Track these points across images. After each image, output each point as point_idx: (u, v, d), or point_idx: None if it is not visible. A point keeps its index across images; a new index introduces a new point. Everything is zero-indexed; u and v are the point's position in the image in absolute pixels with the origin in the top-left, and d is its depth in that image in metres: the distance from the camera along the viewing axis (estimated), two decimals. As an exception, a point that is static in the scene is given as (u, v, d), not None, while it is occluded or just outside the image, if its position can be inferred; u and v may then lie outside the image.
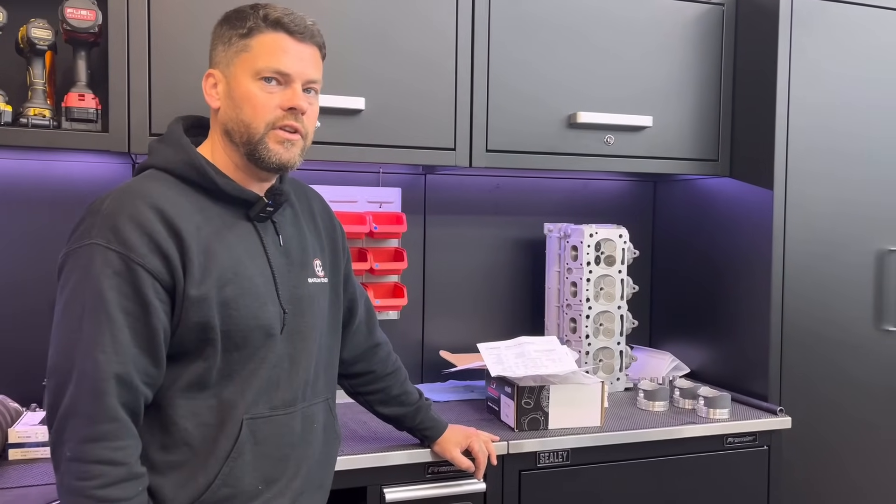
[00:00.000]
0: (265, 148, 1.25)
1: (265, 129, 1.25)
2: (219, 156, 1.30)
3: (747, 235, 2.13)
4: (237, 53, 1.26)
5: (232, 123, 1.26)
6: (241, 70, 1.25)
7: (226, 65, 1.27)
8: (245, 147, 1.26)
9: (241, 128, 1.25)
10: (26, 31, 1.64)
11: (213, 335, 1.20)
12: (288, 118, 1.26)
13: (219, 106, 1.28)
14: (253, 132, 1.25)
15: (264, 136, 1.25)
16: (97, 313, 1.12)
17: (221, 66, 1.28)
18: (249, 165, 1.28)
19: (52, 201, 1.91)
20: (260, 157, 1.26)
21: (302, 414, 1.32)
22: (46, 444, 1.56)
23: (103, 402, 1.11)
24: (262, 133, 1.25)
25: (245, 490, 1.24)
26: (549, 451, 1.77)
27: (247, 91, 1.25)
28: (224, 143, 1.29)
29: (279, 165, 1.27)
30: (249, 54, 1.25)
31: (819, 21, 2.06)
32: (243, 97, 1.25)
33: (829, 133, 2.09)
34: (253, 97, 1.24)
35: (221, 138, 1.29)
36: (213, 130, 1.32)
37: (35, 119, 1.61)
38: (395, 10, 1.85)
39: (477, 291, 2.35)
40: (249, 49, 1.25)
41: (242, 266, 1.24)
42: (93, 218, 1.16)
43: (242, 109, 1.25)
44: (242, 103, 1.25)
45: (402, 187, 2.23)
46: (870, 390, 2.16)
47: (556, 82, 2.00)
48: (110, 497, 1.10)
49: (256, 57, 1.24)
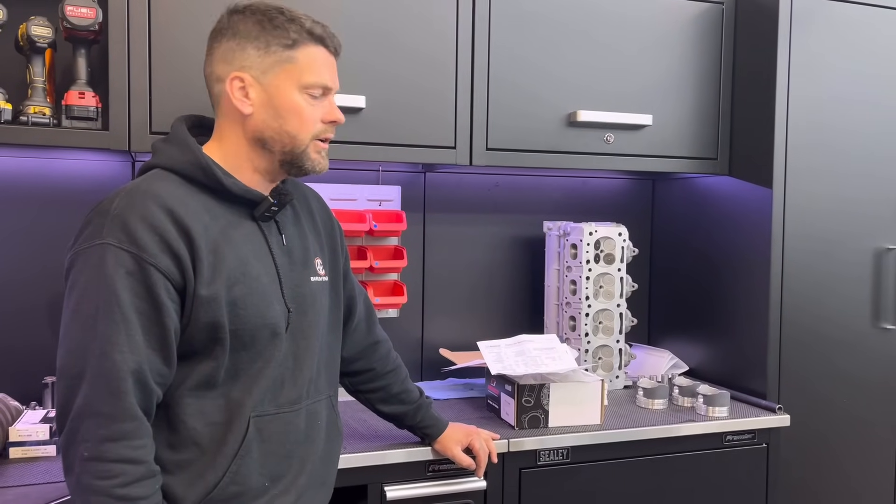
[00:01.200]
0: (308, 158, 1.29)
1: (309, 140, 1.29)
2: (232, 158, 1.29)
3: (746, 233, 2.14)
4: (279, 63, 1.26)
5: (272, 132, 1.27)
6: (285, 80, 1.26)
7: (262, 71, 1.26)
8: (286, 156, 1.28)
9: (285, 138, 1.27)
10: (26, 28, 1.63)
11: (222, 334, 1.21)
12: (329, 130, 1.31)
13: (251, 112, 1.27)
14: (299, 143, 1.28)
15: (307, 147, 1.29)
16: (112, 313, 1.12)
17: (254, 72, 1.26)
18: (278, 171, 1.31)
19: (52, 199, 1.91)
20: (301, 165, 1.30)
21: (306, 411, 1.33)
22: (47, 443, 1.57)
23: (123, 401, 1.11)
24: (307, 144, 1.29)
25: (252, 487, 1.25)
26: (550, 449, 1.77)
27: (294, 103, 1.27)
28: (250, 148, 1.29)
29: (316, 173, 1.32)
30: (295, 66, 1.26)
31: (818, 20, 2.06)
32: (290, 109, 1.26)
33: (827, 131, 2.09)
34: (301, 110, 1.27)
35: (248, 143, 1.28)
36: (230, 133, 1.29)
37: (35, 117, 1.61)
38: (395, 8, 1.85)
39: (476, 289, 2.36)
40: (295, 61, 1.26)
41: (249, 266, 1.25)
42: (102, 218, 1.16)
43: (287, 121, 1.27)
44: (288, 115, 1.27)
45: (401, 185, 2.23)
46: (868, 388, 2.17)
47: (555, 81, 2.01)
48: (131, 495, 1.11)
49: (303, 70, 1.27)
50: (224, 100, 1.28)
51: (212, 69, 1.30)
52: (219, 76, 1.28)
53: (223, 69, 1.28)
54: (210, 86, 1.31)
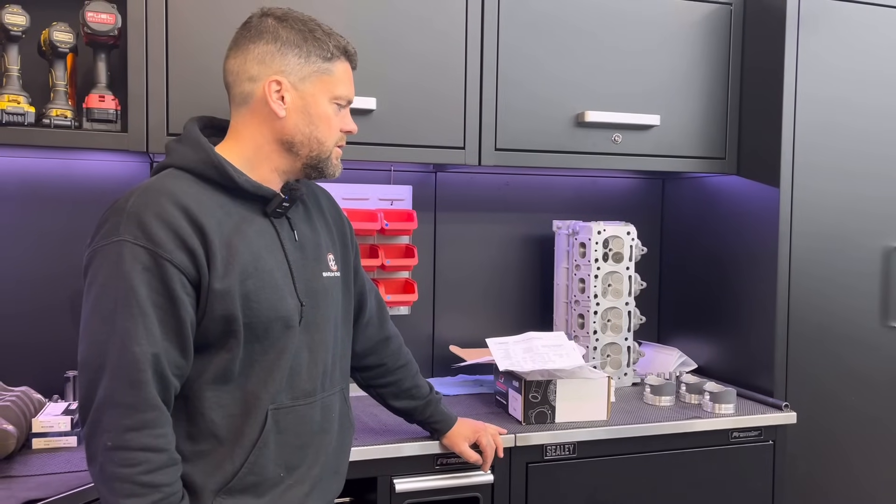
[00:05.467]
0: (330, 163, 1.38)
1: (333, 146, 1.38)
2: (249, 155, 1.33)
3: (754, 232, 2.15)
4: (318, 73, 1.33)
5: (302, 137, 1.33)
6: (320, 90, 1.34)
7: (300, 78, 1.31)
8: (311, 160, 1.36)
9: (313, 143, 1.35)
10: (48, 34, 1.68)
11: (236, 327, 1.24)
12: (343, 139, 1.41)
13: (284, 115, 1.32)
14: (325, 149, 1.36)
15: (331, 153, 1.38)
16: (130, 307, 1.16)
17: (293, 78, 1.31)
18: (299, 173, 1.38)
19: (73, 199, 1.96)
20: (323, 169, 1.38)
21: (321, 404, 1.37)
22: (68, 434, 1.62)
23: (144, 391, 1.15)
24: (331, 150, 1.38)
25: (269, 477, 1.29)
26: (556, 444, 1.80)
27: (325, 112, 1.35)
28: (275, 149, 1.33)
29: (334, 177, 1.41)
30: (331, 78, 1.34)
31: (826, 20, 2.07)
32: (321, 117, 1.34)
33: (835, 131, 2.10)
34: (330, 119, 1.36)
35: (274, 144, 1.33)
36: (255, 132, 1.32)
37: (57, 119, 1.66)
38: (405, 12, 1.89)
39: (486, 287, 2.39)
40: (331, 73, 1.34)
41: (262, 260, 1.28)
42: (118, 216, 1.20)
43: (318, 127, 1.34)
44: (319, 122, 1.34)
45: (412, 185, 2.26)
46: (875, 386, 2.17)
47: (564, 82, 2.03)
48: (155, 482, 1.15)
49: (337, 83, 1.35)
50: (255, 100, 1.31)
51: (244, 68, 1.31)
52: (252, 76, 1.31)
53: (259, 70, 1.31)
54: (235, 82, 1.33)
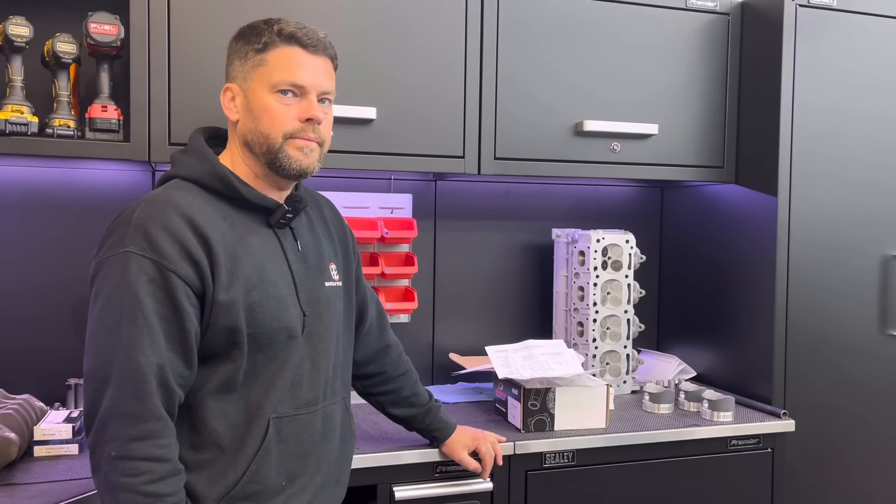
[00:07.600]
0: (285, 156, 1.30)
1: (283, 138, 1.30)
2: (239, 165, 1.35)
3: (752, 241, 2.16)
4: (254, 68, 1.31)
5: (251, 135, 1.32)
6: (258, 83, 1.31)
7: (243, 79, 1.33)
8: (266, 157, 1.31)
9: (259, 138, 1.31)
10: (52, 45, 1.70)
11: (240, 338, 1.25)
12: (306, 129, 1.31)
13: (237, 118, 1.34)
14: (272, 142, 1.30)
15: (283, 145, 1.30)
16: (135, 318, 1.17)
17: (238, 80, 1.34)
18: (270, 174, 1.34)
19: (75, 208, 1.98)
20: (281, 164, 1.31)
21: (323, 413, 1.38)
22: (70, 442, 1.63)
23: (147, 402, 1.16)
24: (281, 142, 1.30)
25: (271, 486, 1.29)
26: (555, 452, 1.81)
27: (264, 103, 1.30)
28: (244, 154, 1.35)
29: (299, 171, 1.32)
30: (266, 68, 1.30)
31: (823, 29, 2.09)
32: (261, 109, 1.30)
33: (833, 140, 2.11)
34: (271, 109, 1.30)
35: (241, 149, 1.35)
36: (232, 141, 1.37)
37: (60, 129, 1.67)
38: (405, 22, 1.90)
39: (486, 295, 2.40)
40: (265, 63, 1.30)
41: (266, 271, 1.29)
42: (124, 228, 1.21)
43: (260, 121, 1.30)
44: (260, 115, 1.30)
45: (412, 193, 2.28)
46: (874, 394, 2.18)
47: (562, 91, 2.04)
48: (158, 492, 1.15)
49: (273, 70, 1.30)
50: (223, 112, 1.36)
51: None
52: None
53: None
54: None
